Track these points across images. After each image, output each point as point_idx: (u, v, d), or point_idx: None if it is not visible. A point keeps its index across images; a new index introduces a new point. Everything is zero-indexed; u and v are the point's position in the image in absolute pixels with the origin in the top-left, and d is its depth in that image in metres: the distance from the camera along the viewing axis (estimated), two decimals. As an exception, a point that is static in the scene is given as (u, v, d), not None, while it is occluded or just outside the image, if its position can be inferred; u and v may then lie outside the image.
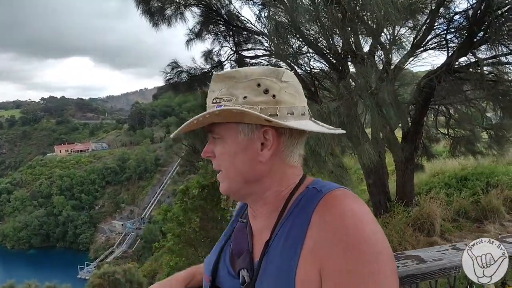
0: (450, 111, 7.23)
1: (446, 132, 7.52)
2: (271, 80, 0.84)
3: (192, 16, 7.08)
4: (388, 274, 0.72)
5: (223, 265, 0.95)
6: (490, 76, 5.47)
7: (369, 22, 4.72)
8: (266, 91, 0.83)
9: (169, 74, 7.57)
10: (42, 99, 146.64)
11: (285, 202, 0.85)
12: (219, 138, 0.88)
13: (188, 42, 7.28)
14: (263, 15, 6.29)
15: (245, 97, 0.83)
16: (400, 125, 6.97)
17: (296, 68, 6.36)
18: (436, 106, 7.14)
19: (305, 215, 0.80)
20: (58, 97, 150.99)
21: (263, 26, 6.39)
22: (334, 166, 5.61)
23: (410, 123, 6.74)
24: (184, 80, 7.63)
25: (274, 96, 0.83)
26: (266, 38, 6.67)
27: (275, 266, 0.80)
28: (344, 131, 0.92)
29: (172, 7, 6.61)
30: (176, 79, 7.63)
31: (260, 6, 6.61)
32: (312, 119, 0.91)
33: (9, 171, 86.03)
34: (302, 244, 0.77)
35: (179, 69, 7.60)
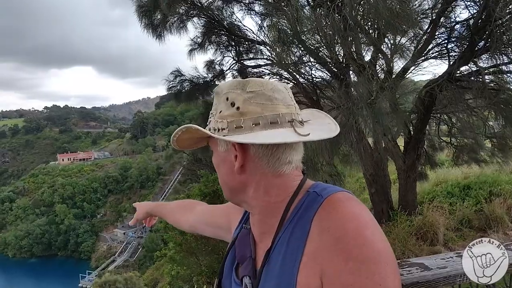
0: (452, 120, 7.23)
1: (449, 141, 7.51)
2: (236, 92, 0.85)
3: (194, 27, 7.14)
4: (390, 278, 0.70)
5: (228, 271, 0.97)
6: (492, 85, 5.48)
7: (370, 31, 4.76)
8: (232, 104, 0.85)
9: (171, 82, 7.62)
10: (45, 108, 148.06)
11: (284, 210, 0.84)
12: (212, 150, 0.93)
13: (191, 52, 7.34)
14: (265, 24, 6.34)
15: (220, 111, 0.87)
16: (402, 134, 6.97)
17: (298, 77, 6.40)
18: (438, 115, 7.14)
19: (306, 221, 0.79)
20: (61, 106, 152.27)
21: (265, 36, 6.43)
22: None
23: (412, 132, 6.74)
24: (186, 88, 7.67)
25: (238, 108, 0.84)
26: (267, 47, 6.71)
27: (276, 273, 0.79)
28: (324, 137, 0.89)
29: (175, 18, 6.66)
30: (178, 87, 7.68)
31: (261, 16, 6.67)
32: (297, 125, 0.85)
33: (12, 180, 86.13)
34: (303, 250, 0.76)
35: (182, 78, 7.65)
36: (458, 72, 5.50)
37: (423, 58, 6.18)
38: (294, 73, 6.45)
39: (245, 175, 0.86)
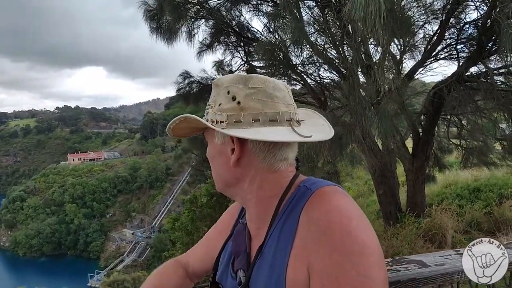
0: (462, 121, 7.16)
1: (458, 143, 7.44)
2: (238, 87, 0.86)
3: (203, 29, 7.16)
4: (374, 269, 0.71)
5: (225, 265, 0.98)
6: (502, 86, 5.42)
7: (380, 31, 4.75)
8: (233, 98, 0.85)
9: (181, 84, 7.66)
10: (57, 108, 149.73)
11: (277, 205, 0.85)
12: (207, 141, 0.94)
13: (199, 53, 7.36)
14: (273, 26, 6.35)
15: (220, 104, 0.87)
16: (411, 135, 6.93)
17: (305, 77, 6.40)
18: (448, 117, 7.08)
19: (295, 214, 0.80)
20: (73, 107, 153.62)
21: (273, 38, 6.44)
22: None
23: (421, 133, 6.70)
24: (195, 90, 7.71)
25: (239, 102, 0.84)
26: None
27: (268, 267, 0.81)
28: (323, 139, 0.89)
29: (184, 21, 6.68)
30: (187, 88, 7.72)
31: (268, 17, 6.68)
32: (295, 124, 0.87)
33: (23, 179, 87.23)
34: (292, 243, 0.78)
35: (190, 79, 7.69)
36: (467, 73, 5.46)
37: (432, 59, 6.15)
38: (303, 74, 6.45)
39: (239, 169, 0.87)
